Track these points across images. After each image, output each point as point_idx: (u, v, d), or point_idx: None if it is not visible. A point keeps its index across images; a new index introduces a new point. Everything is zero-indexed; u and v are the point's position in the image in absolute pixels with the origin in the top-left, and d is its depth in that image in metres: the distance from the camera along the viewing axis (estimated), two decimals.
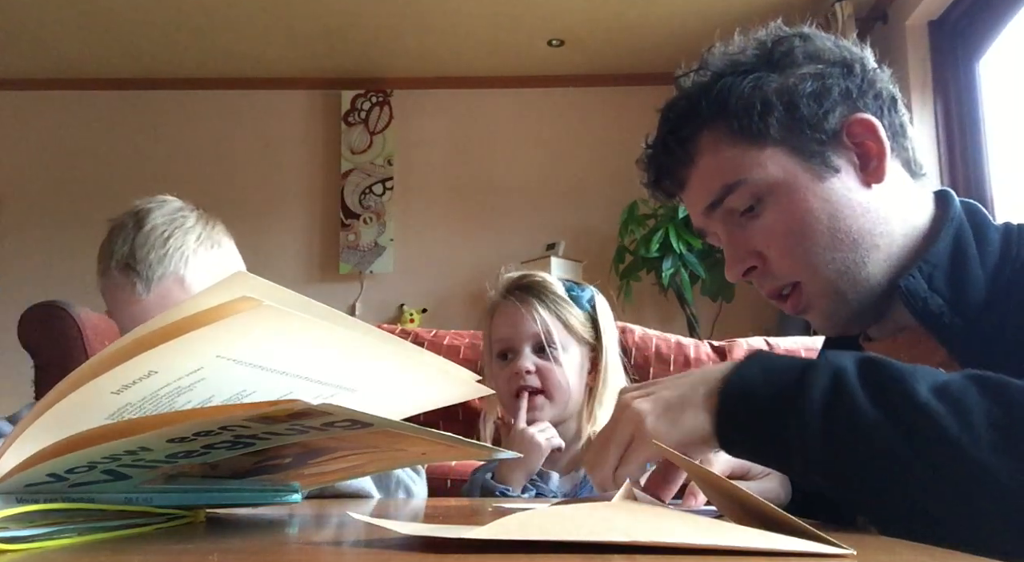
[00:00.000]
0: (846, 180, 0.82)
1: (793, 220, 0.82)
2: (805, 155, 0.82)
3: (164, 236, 1.11)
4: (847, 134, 0.82)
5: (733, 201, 0.84)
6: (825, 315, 0.86)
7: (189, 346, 0.47)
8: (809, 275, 0.83)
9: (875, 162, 0.82)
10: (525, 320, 1.29)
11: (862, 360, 0.63)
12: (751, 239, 0.85)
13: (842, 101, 0.82)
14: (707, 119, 0.86)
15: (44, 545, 0.46)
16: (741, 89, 0.84)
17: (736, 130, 0.84)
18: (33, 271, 4.11)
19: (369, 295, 4.20)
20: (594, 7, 3.64)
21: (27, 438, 0.48)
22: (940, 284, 0.78)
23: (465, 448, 0.68)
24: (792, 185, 0.82)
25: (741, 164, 0.84)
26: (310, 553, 0.47)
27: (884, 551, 0.45)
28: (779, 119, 0.82)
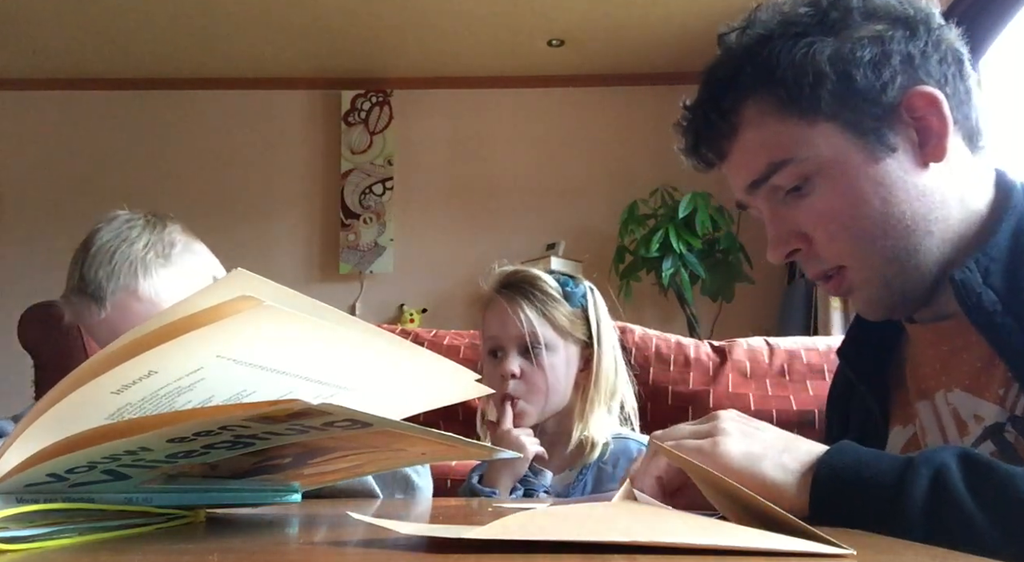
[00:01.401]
0: (902, 160, 0.76)
1: (843, 204, 0.76)
2: (859, 132, 0.76)
3: (110, 252, 1.11)
4: (906, 108, 0.75)
5: (779, 179, 0.78)
6: (869, 301, 0.81)
7: (189, 346, 0.47)
8: (856, 261, 0.78)
9: (935, 139, 0.75)
10: (511, 321, 1.27)
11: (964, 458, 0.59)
12: (797, 220, 0.79)
13: (903, 70, 0.75)
14: (752, 87, 0.78)
15: (44, 545, 0.46)
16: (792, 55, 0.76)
17: (784, 102, 0.77)
18: (33, 271, 4.11)
19: (369, 295, 4.20)
20: (594, 7, 3.64)
21: (27, 438, 0.48)
22: (996, 279, 0.72)
23: (465, 448, 0.68)
24: (843, 166, 0.76)
25: (789, 141, 0.77)
26: (310, 553, 0.47)
27: (884, 551, 0.45)
28: (832, 91, 0.75)
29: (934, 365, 0.83)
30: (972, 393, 0.78)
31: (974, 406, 0.77)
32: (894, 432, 0.87)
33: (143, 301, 1.10)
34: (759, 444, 0.64)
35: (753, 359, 1.62)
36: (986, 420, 0.76)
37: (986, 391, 0.76)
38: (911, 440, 0.84)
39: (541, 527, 0.41)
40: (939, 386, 0.82)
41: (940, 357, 0.82)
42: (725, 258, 3.62)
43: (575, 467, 1.26)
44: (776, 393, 1.55)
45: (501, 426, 1.24)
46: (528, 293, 1.30)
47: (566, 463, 1.28)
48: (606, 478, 1.22)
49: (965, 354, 0.79)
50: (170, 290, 1.11)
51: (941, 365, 0.82)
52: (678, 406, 1.54)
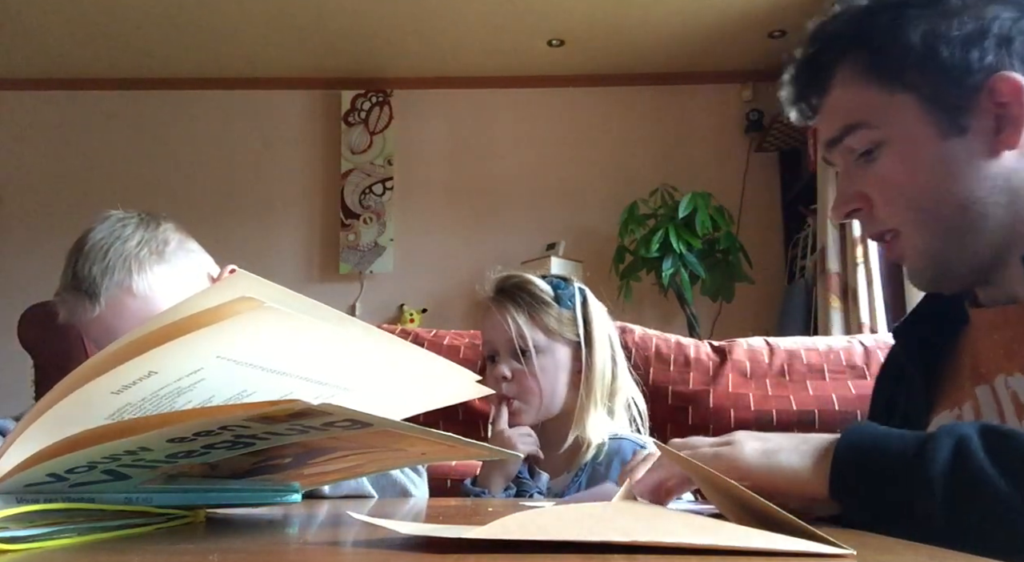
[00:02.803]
0: (972, 142, 0.77)
1: (903, 174, 0.79)
2: (936, 107, 0.77)
3: (104, 249, 1.12)
4: (989, 91, 0.76)
5: (852, 141, 0.81)
6: (917, 270, 0.84)
7: (189, 347, 0.47)
8: (908, 229, 0.81)
9: (1011, 127, 0.76)
10: (501, 326, 1.30)
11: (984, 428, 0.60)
12: (862, 181, 0.82)
13: (995, 51, 0.76)
14: (847, 50, 0.81)
15: (44, 545, 0.46)
16: (887, 24, 0.79)
17: (871, 68, 0.80)
18: (33, 271, 4.11)
19: (369, 295, 4.20)
20: (594, 7, 3.64)
21: (27, 438, 0.48)
22: None
23: (465, 448, 0.68)
24: (911, 138, 0.78)
25: (867, 106, 0.80)
26: (310, 553, 0.47)
27: (884, 551, 0.45)
28: (917, 64, 0.77)
29: (997, 350, 0.83)
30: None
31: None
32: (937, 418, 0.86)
33: (137, 298, 1.10)
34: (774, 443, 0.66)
35: (753, 359, 1.62)
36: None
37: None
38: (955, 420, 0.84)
39: (541, 527, 0.41)
40: (1000, 370, 0.81)
41: (1004, 341, 0.82)
42: (725, 258, 3.62)
43: (571, 469, 1.26)
44: (776, 393, 1.55)
45: (495, 426, 1.26)
46: (516, 297, 1.31)
47: (563, 465, 1.28)
48: (599, 478, 1.22)
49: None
50: (164, 287, 1.11)
51: (1004, 350, 0.81)
52: (678, 406, 1.54)
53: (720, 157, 4.19)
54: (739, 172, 4.15)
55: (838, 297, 3.17)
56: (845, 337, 1.81)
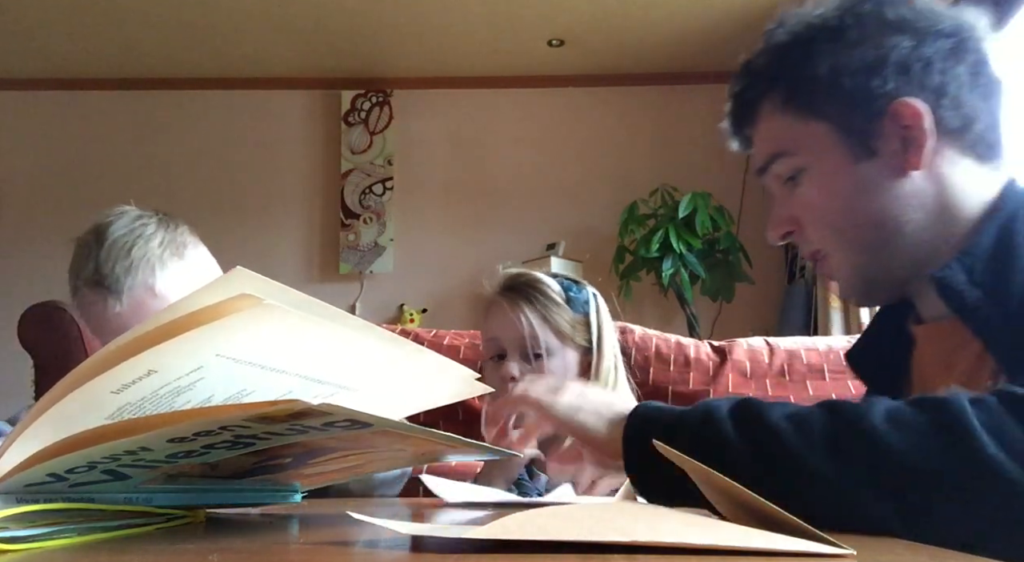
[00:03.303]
0: (882, 165, 0.82)
1: (822, 198, 0.84)
2: (846, 133, 0.82)
3: (127, 247, 1.12)
4: (892, 116, 0.80)
5: (777, 168, 0.87)
6: (847, 286, 0.89)
7: (188, 345, 0.47)
8: (832, 249, 0.87)
9: (915, 149, 0.80)
10: (513, 324, 1.27)
11: (738, 401, 0.67)
12: (791, 206, 0.88)
13: (895, 78, 0.80)
14: (767, 86, 0.88)
15: (44, 545, 0.46)
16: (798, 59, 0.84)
17: (788, 100, 0.86)
18: (33, 271, 4.11)
19: (369, 295, 4.20)
20: (594, 7, 3.64)
21: (27, 438, 0.48)
22: (980, 276, 0.76)
23: (465, 448, 0.68)
24: (826, 163, 0.84)
25: (786, 136, 0.86)
26: (310, 553, 0.47)
27: (884, 551, 0.45)
28: (826, 94, 0.83)
29: (936, 364, 0.86)
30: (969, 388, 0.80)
31: None
32: None
33: (158, 297, 1.11)
34: (586, 400, 0.75)
35: (753, 359, 1.62)
36: None
37: (979, 387, 0.78)
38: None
39: (541, 527, 0.41)
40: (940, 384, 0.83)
41: (942, 355, 0.85)
42: (725, 258, 3.62)
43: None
44: (776, 393, 1.55)
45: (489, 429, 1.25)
46: (531, 296, 1.29)
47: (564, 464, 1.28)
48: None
49: (961, 351, 0.82)
50: (182, 288, 1.13)
51: (941, 364, 0.85)
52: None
53: (720, 157, 4.18)
54: (739, 172, 4.14)
55: (838, 297, 3.18)
56: (845, 337, 1.81)
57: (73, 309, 1.76)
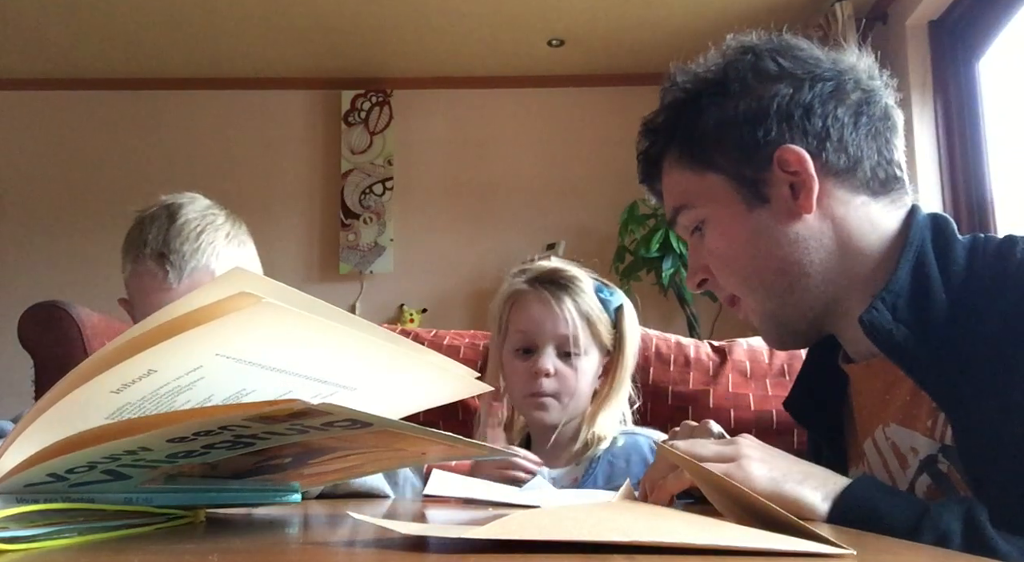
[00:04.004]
0: (775, 209, 0.83)
1: (724, 246, 0.87)
2: (739, 183, 0.85)
3: (197, 230, 1.17)
4: (778, 163, 0.82)
5: (683, 221, 0.90)
6: (761, 330, 0.91)
7: (188, 344, 0.47)
8: (743, 294, 0.89)
9: (804, 193, 0.82)
10: (556, 319, 1.24)
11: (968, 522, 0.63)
12: (702, 255, 0.90)
13: (778, 126, 0.82)
14: (665, 142, 0.91)
15: (44, 545, 0.46)
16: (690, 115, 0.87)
17: (684, 154, 0.88)
18: (33, 271, 4.11)
19: (369, 295, 4.20)
20: (594, 7, 3.64)
21: (27, 438, 0.48)
22: (904, 313, 0.77)
23: (465, 448, 0.68)
24: (724, 214, 0.86)
25: (685, 189, 0.89)
26: (310, 553, 0.47)
27: (884, 551, 0.45)
28: (716, 148, 0.85)
29: (873, 402, 0.87)
30: (905, 426, 0.82)
31: (909, 439, 0.81)
32: (851, 473, 0.90)
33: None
34: (780, 469, 0.70)
35: (753, 359, 1.62)
36: (920, 452, 0.79)
37: (917, 422, 0.80)
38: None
39: (541, 527, 0.41)
40: (878, 422, 0.85)
41: (876, 393, 0.86)
42: None
43: (581, 461, 1.26)
44: (776, 393, 1.55)
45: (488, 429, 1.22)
46: (574, 293, 1.27)
47: (572, 458, 1.27)
48: (619, 473, 1.21)
49: (896, 389, 0.83)
50: None
51: (878, 401, 0.86)
52: (678, 406, 1.54)
53: None
54: None
55: None
56: None
57: (73, 308, 1.76)
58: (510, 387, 1.29)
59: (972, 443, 0.72)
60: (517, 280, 1.32)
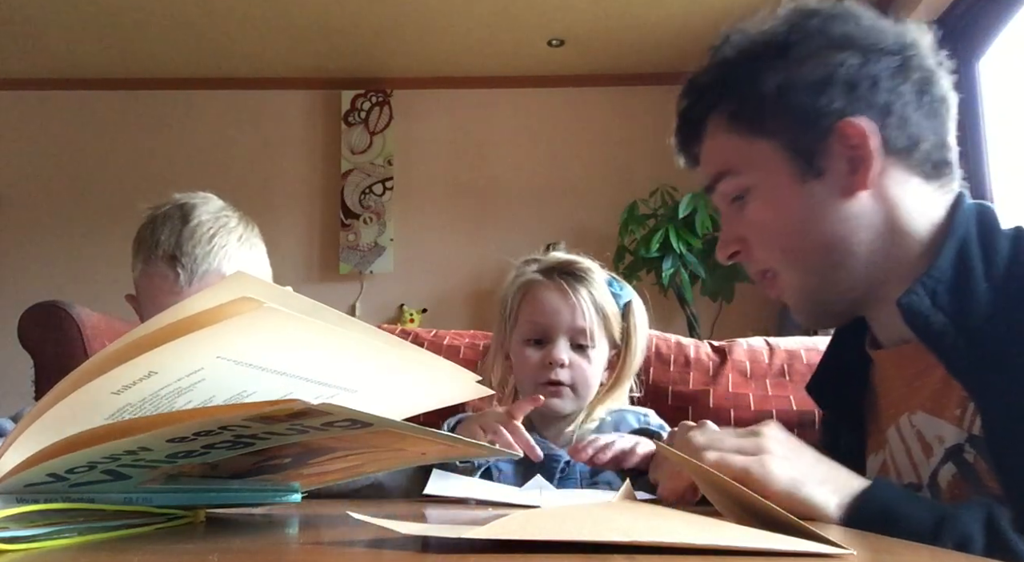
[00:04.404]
0: (829, 184, 0.80)
1: (770, 217, 0.83)
2: (793, 152, 0.81)
3: (210, 233, 1.17)
4: (839, 136, 0.79)
5: (723, 187, 0.86)
6: (796, 307, 0.87)
7: (189, 347, 0.47)
8: (782, 268, 0.85)
9: (862, 169, 0.79)
10: (573, 310, 1.23)
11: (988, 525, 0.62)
12: (738, 225, 0.86)
13: (843, 97, 0.79)
14: (713, 103, 0.86)
15: (44, 545, 0.46)
16: (745, 76, 0.82)
17: (734, 118, 0.84)
18: (33, 271, 4.11)
19: (369, 295, 4.20)
20: (594, 7, 3.64)
21: (27, 438, 0.48)
22: (944, 301, 0.75)
23: (465, 448, 0.68)
24: (773, 183, 0.82)
25: (732, 155, 0.85)
26: (310, 553, 0.47)
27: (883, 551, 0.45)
28: (773, 113, 0.81)
29: (900, 389, 0.85)
30: (933, 414, 0.80)
31: (936, 427, 0.79)
32: (870, 460, 0.89)
33: None
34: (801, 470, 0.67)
35: (753, 359, 1.62)
36: (946, 441, 0.78)
37: (945, 411, 0.78)
38: (882, 467, 0.87)
39: (540, 527, 0.41)
40: (904, 409, 0.84)
41: (904, 380, 0.84)
42: None
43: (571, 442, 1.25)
44: (776, 393, 1.55)
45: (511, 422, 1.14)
46: (589, 285, 1.26)
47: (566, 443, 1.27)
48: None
49: (926, 376, 0.81)
50: None
51: (906, 388, 0.84)
52: (678, 406, 1.54)
53: None
54: None
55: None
56: None
57: (73, 308, 1.76)
58: (520, 375, 1.28)
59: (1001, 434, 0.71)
60: (530, 269, 1.30)
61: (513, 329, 1.29)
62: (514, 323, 1.29)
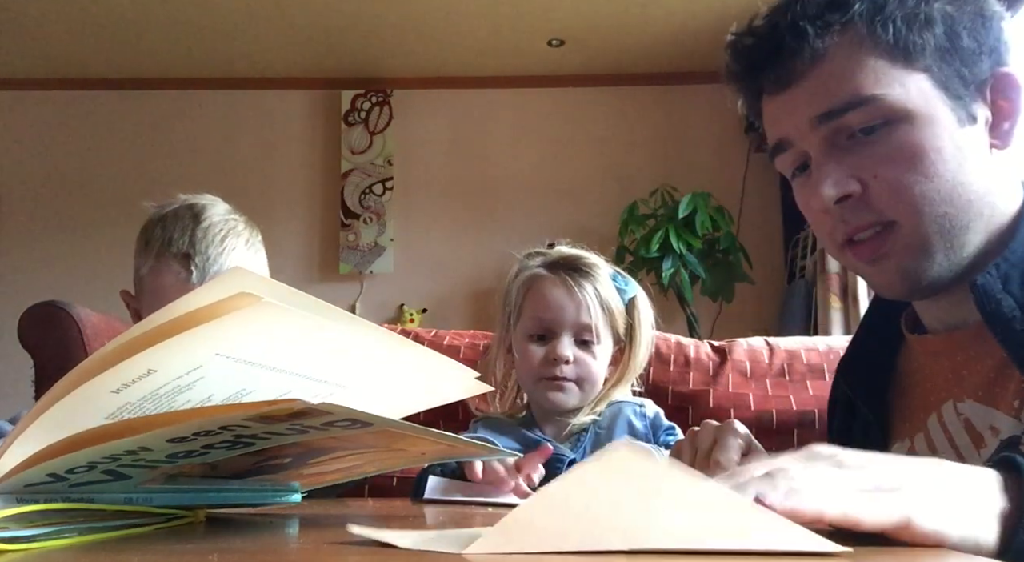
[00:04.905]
0: (981, 134, 0.74)
1: (920, 155, 0.73)
2: (950, 92, 0.74)
3: (221, 234, 1.20)
4: (992, 85, 0.74)
5: (855, 116, 0.74)
6: (902, 269, 0.76)
7: (188, 344, 0.47)
8: (910, 218, 0.74)
9: (1007, 125, 0.74)
10: (578, 306, 1.22)
11: None
12: (859, 163, 0.75)
13: (995, 48, 0.74)
14: (858, 14, 0.74)
15: (44, 545, 0.46)
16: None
17: (886, 38, 0.74)
18: (33, 271, 4.11)
19: (369, 295, 4.20)
20: (594, 7, 3.64)
21: (27, 438, 0.48)
22: (1015, 286, 0.71)
23: (465, 448, 0.68)
24: (932, 118, 0.73)
25: (881, 79, 0.73)
26: (310, 553, 0.47)
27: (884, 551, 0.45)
28: (938, 44, 0.73)
29: (946, 375, 0.81)
30: (985, 404, 0.76)
31: (988, 417, 0.75)
32: (895, 447, 0.86)
33: None
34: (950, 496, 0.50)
35: (753, 359, 1.62)
36: (1001, 432, 0.74)
37: (1000, 402, 0.75)
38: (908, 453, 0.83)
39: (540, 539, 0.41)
40: (948, 397, 0.80)
41: (953, 367, 0.81)
42: (725, 258, 3.62)
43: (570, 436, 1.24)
44: (776, 393, 1.55)
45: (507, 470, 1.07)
46: (595, 281, 1.25)
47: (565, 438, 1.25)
48: (602, 442, 1.20)
49: (979, 364, 0.78)
50: None
51: (953, 375, 0.81)
52: (678, 406, 1.54)
53: (720, 157, 4.19)
54: (739, 172, 4.15)
55: (838, 297, 3.17)
56: (845, 337, 1.81)
57: (73, 308, 1.76)
58: (523, 370, 1.26)
59: None
60: (534, 264, 1.29)
61: (516, 324, 1.28)
62: (517, 318, 1.28)
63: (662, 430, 1.25)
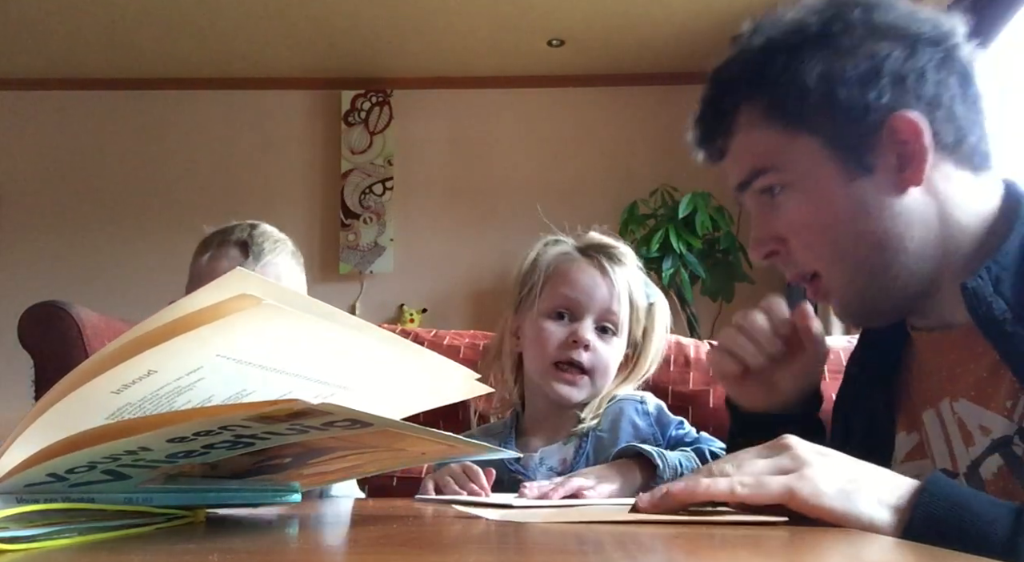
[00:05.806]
0: (879, 181, 0.77)
1: (815, 216, 0.79)
2: (839, 148, 0.77)
3: (274, 238, 1.39)
4: (888, 131, 0.76)
5: (760, 183, 0.82)
6: (842, 308, 0.84)
7: (189, 345, 0.47)
8: (827, 269, 0.81)
9: (914, 164, 0.76)
10: (610, 290, 1.20)
11: None
12: (776, 224, 0.82)
13: (891, 90, 0.76)
14: (746, 94, 0.82)
15: (44, 545, 0.46)
16: (783, 67, 0.78)
17: (772, 111, 0.80)
18: (33, 271, 4.11)
19: (369, 295, 4.20)
20: (594, 7, 3.63)
21: (27, 438, 0.48)
22: (1006, 288, 0.73)
23: (465, 448, 0.68)
24: (819, 180, 0.78)
25: (771, 150, 0.80)
26: (310, 553, 0.47)
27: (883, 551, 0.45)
28: (816, 106, 0.77)
29: (940, 374, 0.83)
30: (977, 403, 0.78)
31: (979, 417, 0.77)
32: (900, 437, 0.87)
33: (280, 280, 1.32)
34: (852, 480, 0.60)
35: None
36: (993, 432, 0.75)
37: (992, 402, 0.76)
38: (916, 448, 0.85)
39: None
40: (944, 395, 0.81)
41: (947, 366, 0.82)
42: (725, 258, 3.62)
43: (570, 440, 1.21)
44: None
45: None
46: (627, 271, 1.24)
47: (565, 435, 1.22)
48: (605, 445, 1.17)
49: (972, 364, 0.79)
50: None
51: (947, 374, 0.82)
52: (678, 406, 1.54)
53: None
54: None
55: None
56: (845, 337, 1.80)
57: (73, 308, 1.76)
58: (536, 352, 1.22)
59: None
60: (561, 247, 1.27)
61: (534, 304, 1.23)
62: (536, 297, 1.23)
63: (671, 426, 1.22)
